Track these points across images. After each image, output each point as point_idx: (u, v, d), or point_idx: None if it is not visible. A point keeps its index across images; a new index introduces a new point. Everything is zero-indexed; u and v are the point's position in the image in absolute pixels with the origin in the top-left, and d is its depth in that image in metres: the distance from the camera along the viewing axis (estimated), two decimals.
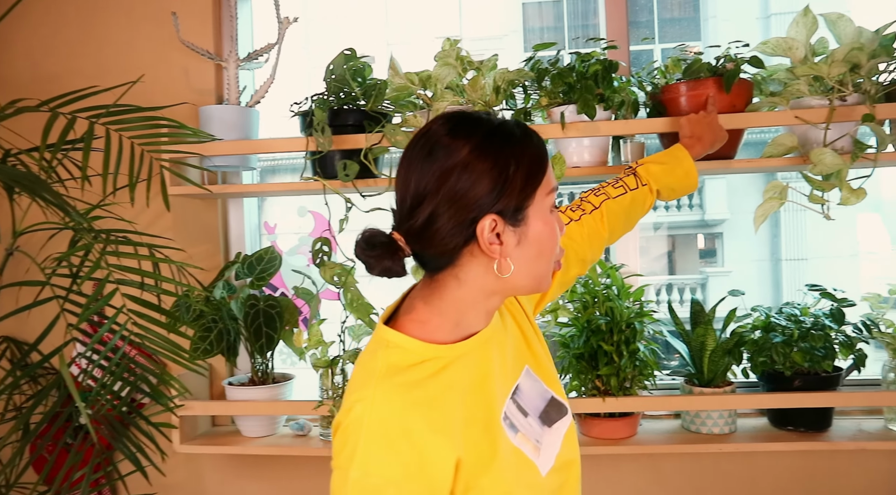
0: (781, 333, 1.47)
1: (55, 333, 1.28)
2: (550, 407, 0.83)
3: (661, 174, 1.19)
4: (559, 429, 0.82)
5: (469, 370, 0.75)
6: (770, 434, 1.54)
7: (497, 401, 0.77)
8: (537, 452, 0.78)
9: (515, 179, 0.72)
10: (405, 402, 0.70)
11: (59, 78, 1.79)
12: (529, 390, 0.82)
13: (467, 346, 0.76)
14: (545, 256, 0.77)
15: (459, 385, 0.74)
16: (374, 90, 1.50)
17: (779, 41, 1.40)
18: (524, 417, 0.79)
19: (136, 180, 1.37)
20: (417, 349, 0.74)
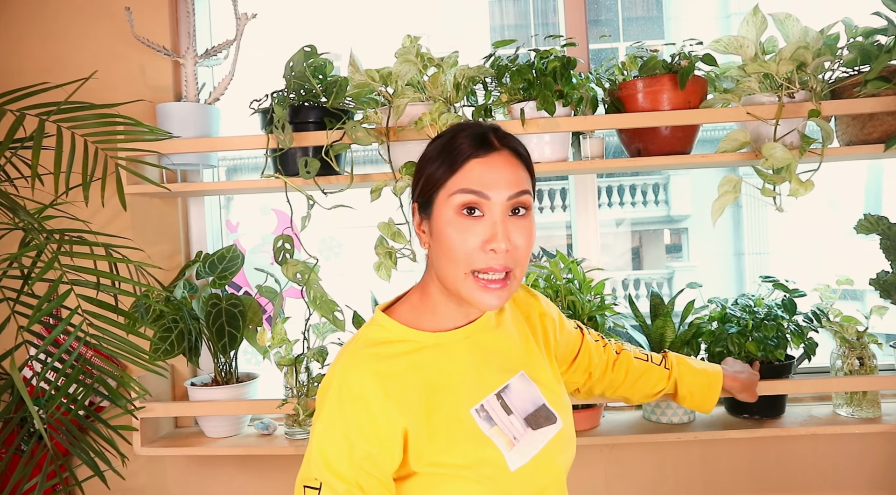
0: (737, 324, 1.51)
1: (6, 336, 1.24)
2: (540, 413, 0.87)
3: (687, 372, 1.18)
4: (544, 434, 0.85)
5: (441, 360, 0.83)
6: (727, 421, 1.58)
7: (470, 393, 0.83)
8: (510, 447, 0.81)
9: (425, 170, 0.82)
10: (367, 370, 0.79)
11: (7, 74, 1.74)
12: (520, 392, 0.87)
13: (440, 339, 0.84)
14: (451, 260, 0.79)
15: (428, 369, 0.82)
16: (335, 87, 1.49)
17: (730, 39, 1.44)
18: (506, 415, 0.84)
19: (90, 179, 1.33)
20: (396, 329, 0.84)
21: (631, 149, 1.59)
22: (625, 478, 1.66)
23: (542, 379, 0.91)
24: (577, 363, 1.10)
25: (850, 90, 1.42)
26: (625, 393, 1.16)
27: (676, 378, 1.16)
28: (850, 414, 1.56)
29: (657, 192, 9.51)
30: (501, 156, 0.80)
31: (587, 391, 1.15)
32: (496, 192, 0.77)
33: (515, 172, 0.80)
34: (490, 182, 0.77)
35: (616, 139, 1.66)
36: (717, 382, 1.18)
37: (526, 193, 0.80)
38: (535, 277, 1.59)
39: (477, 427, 0.81)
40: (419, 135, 1.43)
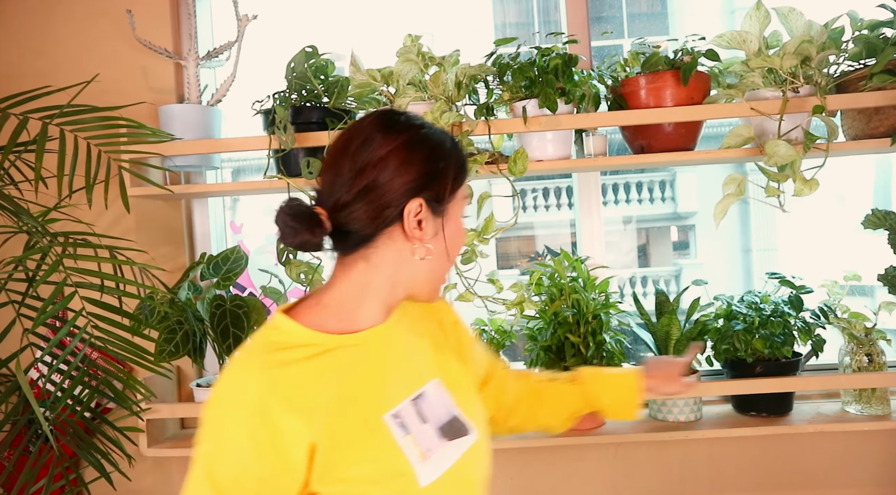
0: (742, 321, 1.50)
1: (12, 338, 1.25)
2: (454, 423, 0.81)
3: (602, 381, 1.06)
4: (458, 446, 0.80)
5: (353, 362, 0.76)
6: (734, 420, 1.57)
7: (384, 398, 0.76)
8: (423, 460, 0.75)
9: (443, 173, 0.77)
10: (265, 379, 0.70)
11: (10, 78, 1.74)
12: (435, 400, 0.81)
13: (353, 339, 0.77)
14: (450, 259, 0.81)
15: (336, 373, 0.74)
16: (337, 87, 1.49)
17: (733, 34, 1.42)
18: (422, 423, 0.78)
19: (93, 182, 1.34)
20: (295, 332, 0.75)
21: (634, 147, 1.58)
22: (630, 477, 1.65)
23: (457, 389, 0.85)
24: (487, 390, 1.02)
25: (856, 84, 1.40)
26: (545, 420, 1.06)
27: (593, 390, 1.05)
28: (859, 412, 1.54)
29: (664, 189, 9.47)
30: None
31: (502, 421, 1.04)
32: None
33: None
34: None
35: (619, 136, 1.66)
36: (635, 382, 1.05)
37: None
38: (540, 275, 1.59)
39: (390, 435, 0.74)
40: None
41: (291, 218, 0.73)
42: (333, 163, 0.77)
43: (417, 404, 0.79)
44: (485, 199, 1.40)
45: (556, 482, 1.67)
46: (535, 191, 7.66)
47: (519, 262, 7.75)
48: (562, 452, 1.65)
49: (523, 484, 1.67)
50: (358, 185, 0.74)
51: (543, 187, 8.17)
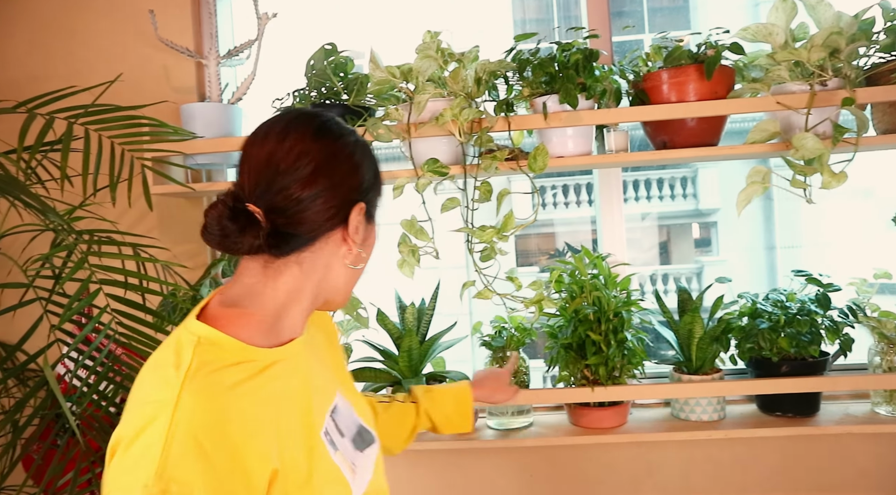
0: (768, 319, 1.47)
1: (40, 334, 1.27)
2: (361, 433, 0.80)
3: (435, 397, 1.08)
4: (369, 456, 0.79)
5: (286, 378, 0.70)
6: (759, 419, 1.54)
7: (314, 415, 0.72)
8: (353, 474, 0.73)
9: (377, 178, 0.78)
10: (222, 407, 0.61)
11: (36, 79, 1.77)
12: (344, 412, 0.79)
13: (284, 353, 0.70)
14: (358, 272, 0.78)
15: (276, 392, 0.67)
16: (356, 84, 1.49)
17: (759, 27, 1.39)
18: (341, 437, 0.75)
19: (117, 180, 1.36)
20: (234, 347, 0.67)
21: (656, 142, 1.56)
22: (653, 476, 1.63)
23: (353, 397, 0.85)
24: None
25: (887, 76, 1.37)
26: (387, 442, 1.00)
27: (427, 407, 1.06)
28: (890, 413, 1.51)
29: (685, 186, 9.35)
30: None
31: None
32: None
33: None
34: None
35: (641, 132, 1.63)
36: (466, 395, 1.09)
37: None
38: (560, 273, 1.57)
39: (327, 453, 0.71)
40: (441, 131, 1.43)
41: (230, 217, 0.67)
42: (268, 161, 0.69)
43: (334, 418, 0.76)
44: (504, 196, 1.39)
45: (576, 480, 1.65)
46: (555, 187, 7.62)
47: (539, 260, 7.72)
48: (583, 450, 1.64)
49: (543, 482, 1.66)
50: (311, 186, 0.69)
51: (563, 184, 8.13)
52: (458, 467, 1.67)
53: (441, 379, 1.61)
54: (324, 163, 0.70)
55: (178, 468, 0.56)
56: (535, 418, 1.66)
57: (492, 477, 1.66)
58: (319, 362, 0.80)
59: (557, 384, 1.59)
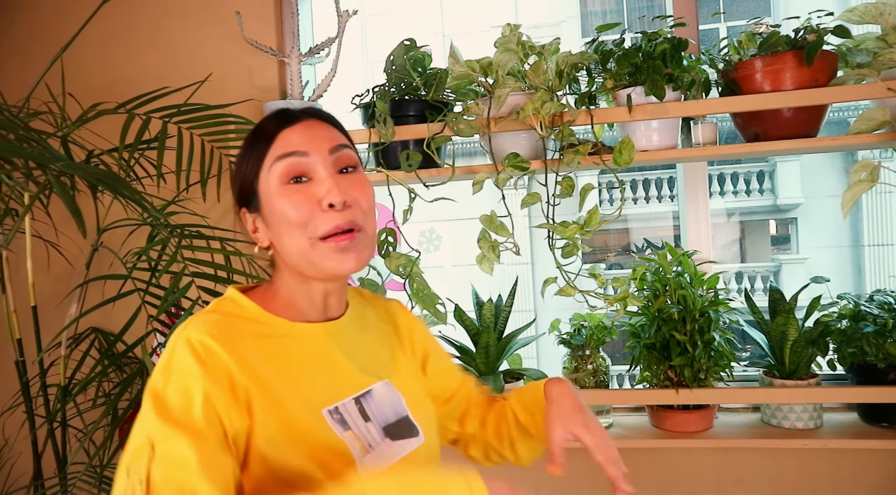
0: (873, 323, 1.37)
1: (137, 324, 1.34)
2: (401, 424, 0.79)
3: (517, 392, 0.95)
4: (403, 446, 0.78)
5: (298, 351, 0.75)
6: (860, 430, 1.45)
7: (322, 392, 0.75)
8: (365, 453, 0.74)
9: (240, 168, 0.77)
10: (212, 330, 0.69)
11: (132, 81, 1.86)
12: (383, 400, 0.79)
13: (304, 329, 0.76)
14: (292, 232, 0.73)
15: (282, 357, 0.73)
16: (435, 80, 1.49)
17: (867, 7, 1.30)
18: (363, 421, 0.76)
19: (207, 176, 1.41)
20: (251, 308, 0.75)
21: (748, 134, 1.48)
22: (740, 485, 1.56)
23: (409, 392, 0.83)
24: (449, 407, 0.95)
25: None
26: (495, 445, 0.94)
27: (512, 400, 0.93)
28: None
29: (762, 181, 8.90)
30: (309, 122, 0.77)
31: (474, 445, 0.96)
32: (315, 149, 0.74)
33: (327, 131, 0.77)
34: (304, 141, 0.75)
35: (728, 124, 1.56)
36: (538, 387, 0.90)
37: (346, 147, 0.77)
38: (644, 271, 1.52)
39: (329, 428, 0.73)
40: (521, 126, 1.40)
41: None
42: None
43: (361, 402, 0.77)
44: (588, 191, 1.36)
45: (657, 485, 1.60)
46: (624, 182, 7.43)
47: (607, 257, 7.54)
48: (665, 454, 1.58)
49: None
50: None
51: (632, 179, 7.91)
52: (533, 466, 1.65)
53: (518, 377, 1.59)
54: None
55: (179, 361, 0.67)
56: (614, 419, 1.62)
57: (568, 479, 1.63)
58: (366, 350, 0.82)
59: (638, 384, 1.54)
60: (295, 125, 0.75)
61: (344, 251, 0.73)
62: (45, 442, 1.50)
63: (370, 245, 0.77)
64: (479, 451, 0.96)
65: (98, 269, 1.59)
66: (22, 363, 1.50)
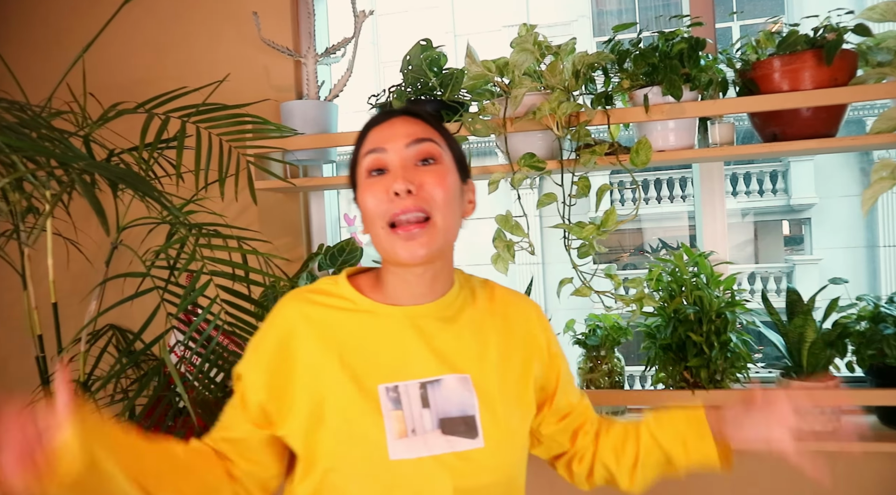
0: (893, 324, 1.36)
1: (155, 321, 1.35)
2: (461, 422, 0.78)
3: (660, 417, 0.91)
4: (452, 443, 0.77)
5: (373, 326, 0.83)
6: (879, 433, 1.43)
7: (385, 368, 0.80)
8: (401, 436, 0.76)
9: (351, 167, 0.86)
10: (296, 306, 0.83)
11: (151, 80, 1.88)
12: (452, 392, 0.79)
13: (384, 309, 0.83)
14: (370, 220, 0.81)
15: (355, 330, 0.82)
16: (451, 80, 1.49)
17: (889, 5, 1.29)
18: (420, 406, 0.78)
19: (225, 175, 1.42)
20: (344, 288, 0.85)
21: (765, 134, 1.47)
22: (756, 487, 1.55)
23: (488, 395, 0.81)
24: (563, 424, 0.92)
25: None
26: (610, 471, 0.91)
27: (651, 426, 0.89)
28: None
29: (775, 181, 8.82)
30: (398, 120, 0.83)
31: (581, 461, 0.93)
32: (392, 144, 0.80)
33: (412, 126, 0.82)
34: (385, 138, 0.81)
35: (745, 123, 1.55)
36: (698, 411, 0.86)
37: (427, 141, 0.81)
38: (660, 271, 1.52)
39: (377, 402, 0.77)
40: (537, 126, 1.40)
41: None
42: None
43: (426, 388, 0.79)
44: (604, 192, 1.35)
45: (674, 485, 1.59)
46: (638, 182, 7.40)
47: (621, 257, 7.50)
48: None
49: None
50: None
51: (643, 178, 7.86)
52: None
53: None
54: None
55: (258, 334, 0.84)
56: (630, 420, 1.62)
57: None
58: (455, 343, 0.83)
59: (654, 385, 1.54)
60: (384, 123, 0.83)
61: (410, 239, 0.77)
62: None
63: (442, 234, 0.79)
64: (583, 468, 0.93)
65: (116, 267, 1.61)
66: (43, 358, 1.52)
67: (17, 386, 1.98)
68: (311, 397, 0.79)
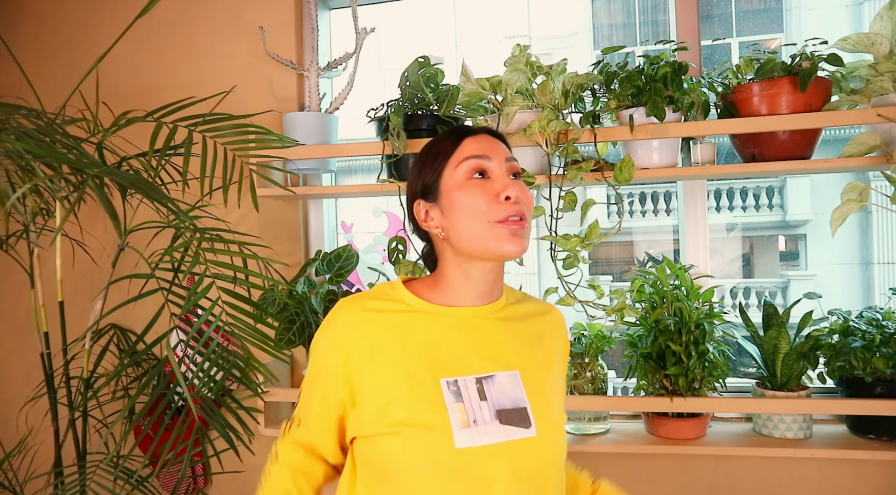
0: (861, 338, 1.43)
1: (156, 322, 1.42)
2: (516, 412, 0.86)
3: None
4: (509, 432, 0.85)
5: (431, 326, 0.89)
6: (849, 441, 1.50)
7: (445, 364, 0.87)
8: (464, 427, 0.83)
9: (423, 167, 0.93)
10: (355, 312, 0.89)
11: (160, 90, 1.96)
12: (505, 387, 0.87)
13: (442, 310, 0.91)
14: (473, 218, 0.87)
15: (412, 329, 0.89)
16: (447, 96, 1.56)
17: (860, 37, 1.36)
18: (479, 399, 0.85)
19: (229, 182, 1.49)
20: (400, 292, 0.92)
21: (745, 154, 1.54)
22: (732, 492, 1.61)
23: (538, 391, 0.90)
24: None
25: None
26: None
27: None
28: None
29: (771, 196, 8.90)
30: (485, 136, 0.94)
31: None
32: (496, 155, 0.90)
33: (500, 144, 0.93)
34: (487, 148, 0.91)
35: (727, 142, 1.62)
36: None
37: (515, 161, 0.93)
38: (641, 283, 1.58)
39: (440, 395, 0.84)
40: (528, 142, 1.48)
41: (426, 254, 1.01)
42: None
43: (482, 383, 0.87)
44: (589, 206, 1.42)
45: (654, 489, 1.66)
46: (632, 195, 7.46)
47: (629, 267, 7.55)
48: (660, 460, 1.64)
49: None
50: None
51: (640, 192, 7.94)
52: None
53: None
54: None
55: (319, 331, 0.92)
56: (611, 425, 1.68)
57: None
58: (504, 341, 0.92)
59: (636, 392, 1.60)
60: (476, 135, 0.93)
61: (515, 234, 0.87)
62: (66, 432, 1.58)
63: (529, 236, 0.90)
64: None
65: (121, 269, 1.67)
66: (48, 355, 1.58)
67: (20, 382, 2.04)
68: (376, 397, 0.85)
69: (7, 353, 2.10)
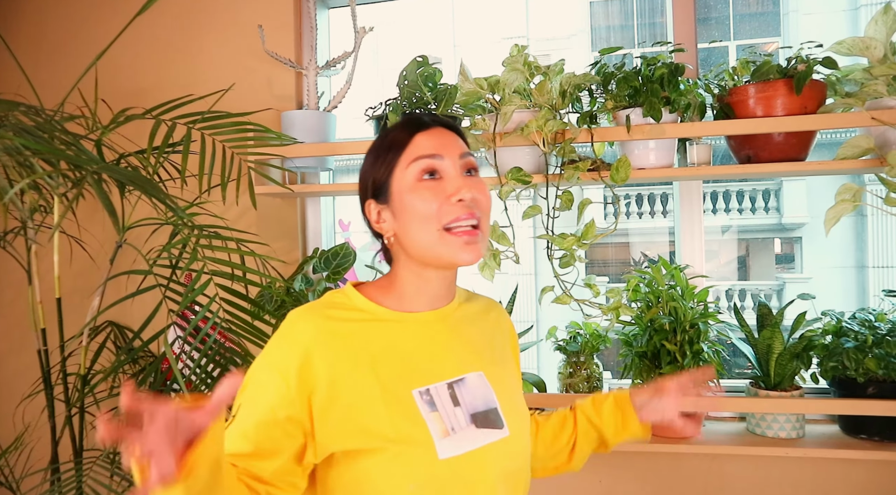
0: (854, 339, 1.44)
1: (154, 319, 1.42)
2: (489, 414, 0.85)
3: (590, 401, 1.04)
4: (487, 435, 0.83)
5: (395, 335, 0.85)
6: (841, 441, 1.51)
7: (415, 374, 0.83)
8: (445, 436, 0.80)
9: (373, 165, 0.87)
10: (315, 322, 0.82)
11: (159, 87, 1.96)
12: (475, 389, 0.86)
13: (404, 317, 0.86)
14: (422, 222, 0.82)
15: (377, 340, 0.83)
16: (445, 95, 1.57)
17: (855, 41, 1.37)
18: (452, 405, 0.83)
19: (227, 180, 1.49)
20: (356, 299, 0.87)
21: (740, 156, 1.55)
22: (725, 491, 1.62)
23: (502, 387, 0.89)
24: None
25: None
26: (551, 459, 1.04)
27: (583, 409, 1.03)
28: None
29: (767, 199, 8.94)
30: (439, 130, 0.87)
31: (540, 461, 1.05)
32: (447, 153, 0.85)
33: (455, 139, 0.87)
34: (439, 146, 0.85)
35: (723, 143, 1.63)
36: (623, 396, 1.02)
37: (471, 155, 0.87)
38: (637, 282, 1.59)
39: (416, 407, 0.80)
40: (525, 141, 1.48)
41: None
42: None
43: (453, 388, 0.84)
44: (585, 206, 1.43)
45: (646, 488, 1.66)
46: (629, 196, 7.48)
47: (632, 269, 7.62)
48: (654, 459, 1.65)
49: (612, 488, 1.68)
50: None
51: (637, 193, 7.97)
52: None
53: None
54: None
55: (268, 347, 0.82)
56: None
57: (559, 481, 1.70)
58: (466, 343, 0.90)
59: None
60: (428, 130, 0.86)
61: (469, 244, 0.82)
62: (63, 429, 1.58)
63: (486, 242, 0.86)
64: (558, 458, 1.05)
65: (119, 266, 1.67)
66: (45, 352, 1.58)
67: (17, 379, 2.04)
68: (346, 411, 0.78)
69: (4, 350, 2.10)
